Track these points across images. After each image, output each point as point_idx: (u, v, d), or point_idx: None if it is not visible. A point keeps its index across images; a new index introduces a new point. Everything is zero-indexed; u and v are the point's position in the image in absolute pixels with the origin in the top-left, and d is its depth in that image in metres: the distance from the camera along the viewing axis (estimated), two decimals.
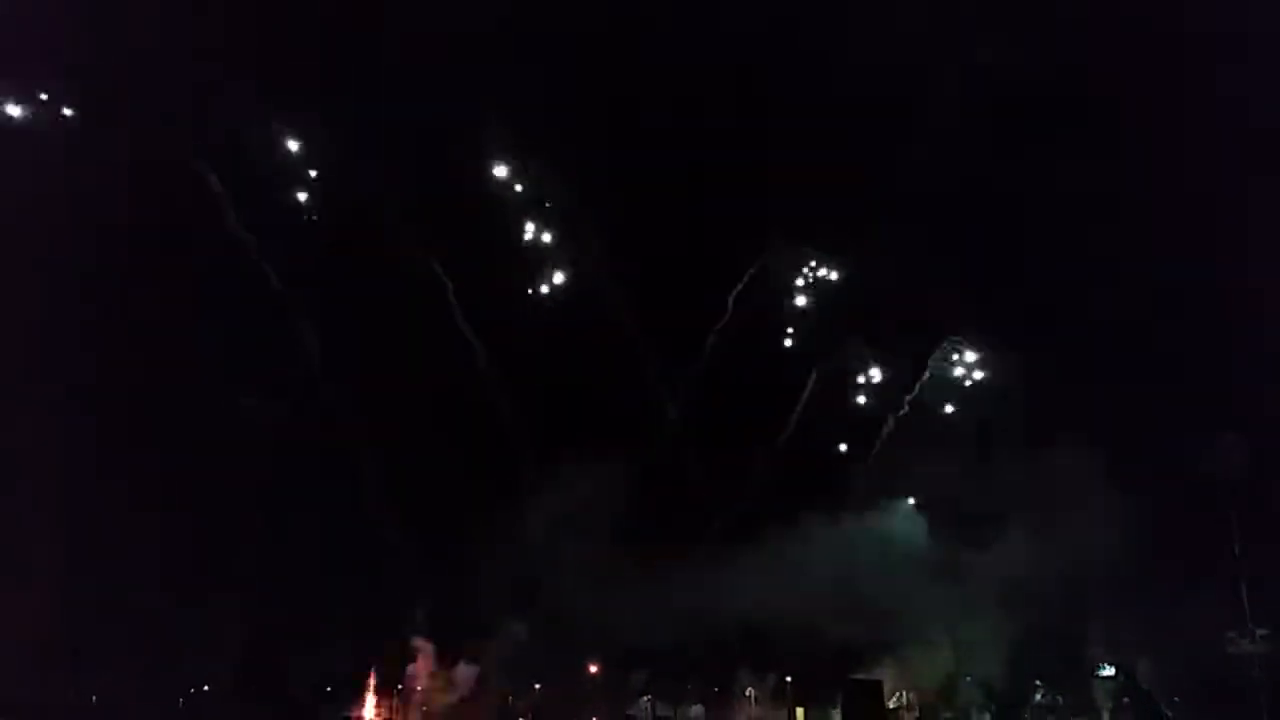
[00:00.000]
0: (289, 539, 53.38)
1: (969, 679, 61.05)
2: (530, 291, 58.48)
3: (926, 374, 63.84)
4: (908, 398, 63.66)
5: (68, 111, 49.60)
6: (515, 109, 54.30)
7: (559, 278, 58.87)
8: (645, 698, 62.64)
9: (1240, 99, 55.08)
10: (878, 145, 60.12)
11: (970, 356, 62.51)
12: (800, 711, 63.06)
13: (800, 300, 62.04)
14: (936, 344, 62.98)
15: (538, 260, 58.63)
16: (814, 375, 63.06)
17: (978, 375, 62.74)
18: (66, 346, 50.77)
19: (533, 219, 57.99)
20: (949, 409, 63.00)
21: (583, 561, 56.79)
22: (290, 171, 53.58)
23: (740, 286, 61.10)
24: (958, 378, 63.11)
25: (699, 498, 61.94)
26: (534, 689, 61.67)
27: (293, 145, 53.32)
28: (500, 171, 56.80)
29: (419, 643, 56.18)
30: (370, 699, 57.01)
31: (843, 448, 63.90)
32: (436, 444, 55.34)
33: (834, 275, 62.03)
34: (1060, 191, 59.93)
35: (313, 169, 53.87)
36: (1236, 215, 55.89)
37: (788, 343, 62.71)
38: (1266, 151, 54.12)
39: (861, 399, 63.93)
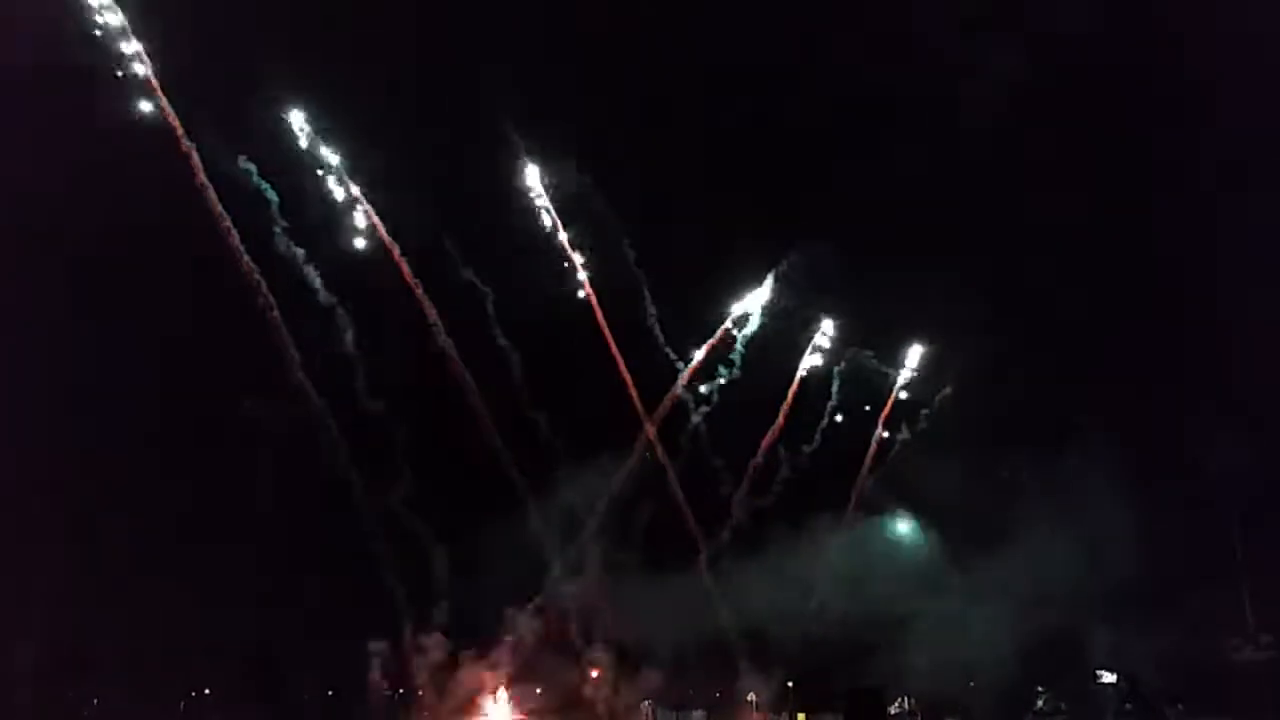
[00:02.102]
0: (292, 538, 52.89)
1: (971, 685, 61.06)
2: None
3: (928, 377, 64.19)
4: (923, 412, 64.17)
5: None
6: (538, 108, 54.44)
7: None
8: (646, 701, 62.36)
9: (1240, 99, 55.54)
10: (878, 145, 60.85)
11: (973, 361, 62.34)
12: (802, 717, 62.99)
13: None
14: (940, 348, 63.22)
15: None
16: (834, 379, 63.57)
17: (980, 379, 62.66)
18: (72, 344, 50.12)
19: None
20: (953, 415, 63.12)
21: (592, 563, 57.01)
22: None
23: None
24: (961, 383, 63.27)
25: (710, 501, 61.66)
26: (535, 692, 61.29)
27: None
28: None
29: (427, 641, 55.68)
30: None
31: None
32: (454, 441, 55.22)
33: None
34: (1059, 191, 60.32)
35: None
36: (1236, 213, 56.35)
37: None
38: (1266, 151, 54.44)
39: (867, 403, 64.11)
